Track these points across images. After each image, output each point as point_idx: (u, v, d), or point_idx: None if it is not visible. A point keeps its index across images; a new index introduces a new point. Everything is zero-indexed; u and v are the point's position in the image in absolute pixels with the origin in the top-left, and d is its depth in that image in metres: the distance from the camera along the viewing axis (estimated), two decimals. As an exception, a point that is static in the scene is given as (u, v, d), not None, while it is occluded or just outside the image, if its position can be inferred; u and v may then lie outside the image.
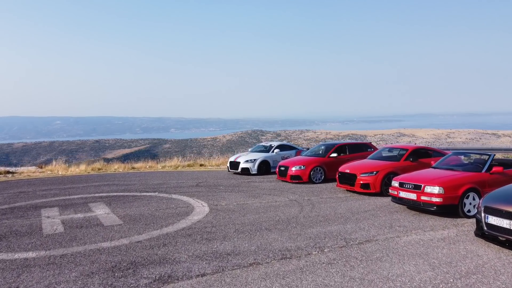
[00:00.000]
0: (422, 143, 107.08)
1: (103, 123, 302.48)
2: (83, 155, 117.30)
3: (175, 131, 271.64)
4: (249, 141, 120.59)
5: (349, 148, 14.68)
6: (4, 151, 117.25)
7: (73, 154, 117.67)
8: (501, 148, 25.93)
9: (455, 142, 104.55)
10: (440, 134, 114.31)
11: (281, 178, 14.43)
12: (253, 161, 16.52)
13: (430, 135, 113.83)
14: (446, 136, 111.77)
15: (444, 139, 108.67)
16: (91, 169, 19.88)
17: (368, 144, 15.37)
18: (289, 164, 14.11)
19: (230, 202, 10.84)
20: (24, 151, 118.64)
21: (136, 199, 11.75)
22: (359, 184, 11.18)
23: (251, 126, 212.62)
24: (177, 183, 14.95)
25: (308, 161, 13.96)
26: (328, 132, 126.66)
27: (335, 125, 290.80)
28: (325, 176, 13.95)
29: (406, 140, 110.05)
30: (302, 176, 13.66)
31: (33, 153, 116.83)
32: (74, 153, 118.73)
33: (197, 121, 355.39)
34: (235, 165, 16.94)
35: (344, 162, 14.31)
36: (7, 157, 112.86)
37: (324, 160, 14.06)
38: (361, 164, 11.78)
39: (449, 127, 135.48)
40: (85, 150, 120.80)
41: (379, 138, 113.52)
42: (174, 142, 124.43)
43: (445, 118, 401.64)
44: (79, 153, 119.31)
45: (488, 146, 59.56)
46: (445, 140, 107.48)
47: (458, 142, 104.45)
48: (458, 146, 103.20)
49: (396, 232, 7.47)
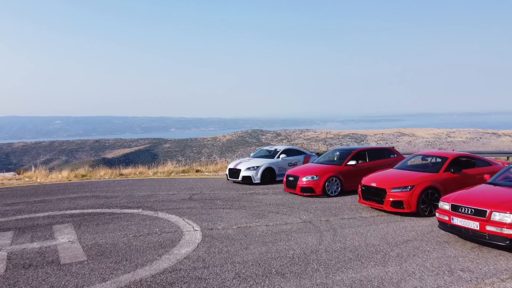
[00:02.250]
0: (422, 142, 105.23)
1: (103, 122, 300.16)
2: (83, 155, 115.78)
3: (175, 131, 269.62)
4: (249, 140, 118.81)
5: (369, 154, 12.37)
6: (4, 151, 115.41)
7: (73, 154, 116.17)
8: None
9: (456, 141, 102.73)
10: (440, 134, 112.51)
11: (289, 190, 12.15)
12: (256, 168, 14.21)
13: (431, 135, 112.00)
14: (446, 135, 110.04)
15: (445, 138, 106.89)
16: (74, 175, 17.58)
17: (390, 149, 13.07)
18: (299, 174, 11.81)
19: (229, 225, 8.56)
20: (24, 151, 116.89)
21: (114, 218, 9.46)
22: (390, 201, 8.89)
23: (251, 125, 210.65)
24: (167, 195, 12.65)
25: (321, 170, 11.66)
26: (328, 132, 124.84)
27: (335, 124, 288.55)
28: (342, 188, 11.66)
29: (406, 140, 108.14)
30: (315, 188, 11.37)
31: (33, 153, 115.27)
32: (74, 153, 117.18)
33: (197, 120, 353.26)
34: (235, 173, 14.64)
35: (364, 171, 12.01)
36: (7, 157, 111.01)
37: (341, 168, 11.76)
38: (391, 176, 9.49)
39: (450, 126, 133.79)
40: (85, 150, 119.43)
41: (379, 138, 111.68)
42: (174, 142, 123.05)
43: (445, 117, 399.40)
44: (79, 153, 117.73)
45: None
46: (446, 139, 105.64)
47: (458, 141, 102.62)
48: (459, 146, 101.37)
49: (462, 282, 5.20)
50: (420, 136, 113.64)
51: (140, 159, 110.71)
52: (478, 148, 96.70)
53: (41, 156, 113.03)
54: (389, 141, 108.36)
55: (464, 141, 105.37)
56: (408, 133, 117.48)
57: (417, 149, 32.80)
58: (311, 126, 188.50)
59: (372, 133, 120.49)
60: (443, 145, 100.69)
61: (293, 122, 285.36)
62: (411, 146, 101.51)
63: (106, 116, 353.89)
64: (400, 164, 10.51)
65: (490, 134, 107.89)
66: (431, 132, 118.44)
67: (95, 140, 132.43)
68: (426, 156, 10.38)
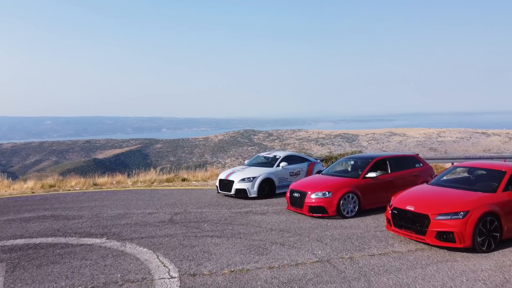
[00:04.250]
0: (413, 142, 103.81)
1: (94, 123, 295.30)
2: (73, 155, 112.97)
3: (167, 131, 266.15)
4: (241, 140, 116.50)
5: (390, 164, 9.97)
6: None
7: (63, 155, 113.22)
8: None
9: (446, 141, 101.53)
10: (431, 133, 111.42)
11: (294, 209, 9.70)
12: (252, 179, 11.73)
13: (421, 134, 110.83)
14: (437, 135, 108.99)
15: (435, 138, 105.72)
16: (41, 186, 14.96)
17: (415, 156, 10.67)
18: (306, 189, 9.39)
19: (219, 267, 6.13)
20: (13, 152, 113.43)
21: (66, 254, 6.98)
22: (435, 232, 6.52)
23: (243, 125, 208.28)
24: (143, 214, 10.15)
25: (334, 184, 9.24)
26: (320, 132, 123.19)
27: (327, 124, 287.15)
28: (360, 206, 9.27)
29: (397, 140, 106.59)
30: (328, 207, 8.95)
31: (23, 154, 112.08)
32: (65, 154, 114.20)
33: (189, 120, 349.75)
34: (227, 185, 12.11)
35: (386, 185, 9.65)
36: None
37: (358, 182, 9.34)
38: (433, 197, 7.12)
39: (440, 126, 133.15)
40: (76, 151, 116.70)
41: (371, 138, 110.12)
42: (165, 142, 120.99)
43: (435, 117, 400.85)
44: (70, 154, 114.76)
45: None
46: (436, 139, 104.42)
47: (448, 141, 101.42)
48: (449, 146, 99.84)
49: None
50: (411, 136, 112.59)
51: (131, 159, 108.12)
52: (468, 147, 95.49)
53: (31, 157, 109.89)
54: (380, 141, 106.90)
55: (455, 140, 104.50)
56: (399, 133, 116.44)
57: (449, 154, 29.63)
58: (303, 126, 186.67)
59: (364, 133, 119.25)
60: (434, 145, 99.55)
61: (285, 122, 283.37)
62: (402, 146, 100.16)
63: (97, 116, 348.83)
64: (437, 179, 8.15)
65: (480, 134, 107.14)
66: (422, 131, 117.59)
67: (86, 140, 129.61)
68: (473, 168, 8.01)
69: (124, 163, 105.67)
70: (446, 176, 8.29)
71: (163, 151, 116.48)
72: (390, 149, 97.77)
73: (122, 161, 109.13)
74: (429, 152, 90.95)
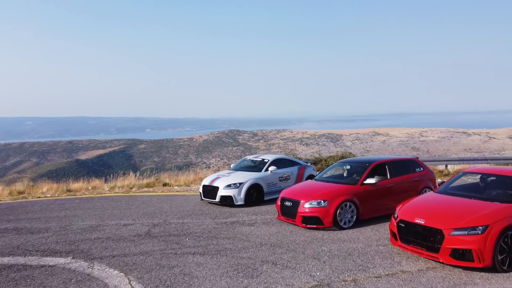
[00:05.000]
0: (396, 142, 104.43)
1: (76, 123, 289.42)
2: (55, 156, 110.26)
3: (151, 131, 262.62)
4: (226, 141, 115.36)
5: (390, 168, 9.06)
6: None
7: (45, 156, 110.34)
8: None
9: (428, 141, 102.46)
10: (413, 133, 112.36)
11: (286, 219, 8.72)
12: (238, 185, 10.70)
13: (404, 134, 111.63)
14: (419, 135, 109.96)
15: (418, 138, 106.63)
16: (9, 193, 13.64)
17: (414, 160, 9.84)
18: (299, 197, 8.45)
19: (201, 295, 5.16)
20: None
21: (22, 279, 5.90)
22: (449, 250, 5.67)
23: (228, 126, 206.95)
24: (118, 226, 9.06)
25: (330, 192, 8.31)
26: (304, 132, 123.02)
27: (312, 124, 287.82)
28: (358, 216, 8.40)
29: (381, 139, 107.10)
30: (323, 218, 8.02)
31: (2, 155, 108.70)
32: (46, 155, 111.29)
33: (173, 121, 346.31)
34: (211, 192, 11.01)
35: (385, 192, 8.80)
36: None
37: (356, 189, 8.44)
38: (443, 208, 6.26)
39: (422, 126, 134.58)
40: (58, 151, 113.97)
41: (355, 138, 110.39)
42: (150, 143, 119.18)
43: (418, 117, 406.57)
44: (51, 155, 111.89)
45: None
46: (418, 139, 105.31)
47: (431, 141, 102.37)
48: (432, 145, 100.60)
49: None
50: (394, 135, 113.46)
51: (114, 160, 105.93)
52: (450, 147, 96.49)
53: (11, 158, 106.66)
54: (364, 140, 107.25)
55: (437, 140, 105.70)
56: (383, 133, 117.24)
57: (434, 155, 27.89)
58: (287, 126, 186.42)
59: (348, 132, 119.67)
60: (416, 145, 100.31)
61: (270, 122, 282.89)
62: (385, 146, 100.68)
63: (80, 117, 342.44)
64: (446, 186, 7.31)
65: (461, 133, 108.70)
66: (405, 131, 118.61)
67: (68, 141, 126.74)
68: (486, 175, 7.20)
69: (107, 164, 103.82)
70: (456, 182, 7.45)
71: (147, 152, 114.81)
72: (374, 149, 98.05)
73: (105, 162, 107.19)
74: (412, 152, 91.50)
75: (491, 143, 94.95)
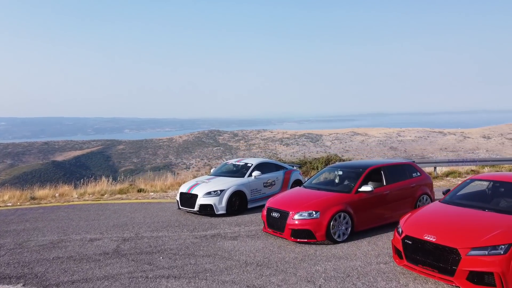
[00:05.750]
0: (375, 141, 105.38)
1: (52, 124, 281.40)
2: (30, 158, 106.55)
3: (130, 132, 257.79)
4: (206, 141, 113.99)
5: (385, 173, 8.27)
6: None
7: (19, 157, 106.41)
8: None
9: (405, 140, 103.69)
10: (391, 133, 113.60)
11: (273, 232, 7.74)
12: (219, 193, 9.67)
13: (382, 134, 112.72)
14: (397, 134, 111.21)
15: (395, 137, 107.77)
16: (-36, 202, 12.26)
17: (411, 164, 9.06)
18: (287, 207, 7.51)
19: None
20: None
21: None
22: (466, 272, 4.85)
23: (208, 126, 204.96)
24: (82, 242, 7.93)
25: (322, 201, 7.39)
26: (285, 132, 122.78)
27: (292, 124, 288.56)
28: (353, 228, 7.54)
29: (359, 139, 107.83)
30: (315, 231, 7.10)
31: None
32: (21, 156, 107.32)
33: (153, 121, 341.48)
34: (189, 200, 9.92)
35: (383, 200, 7.97)
36: None
37: (351, 198, 7.57)
38: (456, 222, 5.45)
39: (400, 126, 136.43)
40: (33, 153, 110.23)
41: (334, 137, 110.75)
42: (128, 143, 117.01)
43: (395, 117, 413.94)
44: (26, 156, 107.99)
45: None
46: (396, 138, 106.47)
47: (408, 140, 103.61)
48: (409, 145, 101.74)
49: None
50: (373, 135, 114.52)
51: (92, 161, 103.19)
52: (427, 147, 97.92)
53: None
54: (344, 140, 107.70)
55: (414, 139, 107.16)
56: (361, 133, 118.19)
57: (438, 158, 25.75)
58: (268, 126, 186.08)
59: (327, 132, 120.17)
60: (394, 144, 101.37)
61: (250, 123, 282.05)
62: (364, 146, 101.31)
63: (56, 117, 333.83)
64: (452, 196, 6.51)
65: (437, 133, 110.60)
66: (383, 131, 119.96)
67: (44, 142, 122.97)
68: (500, 183, 6.42)
69: (85, 165, 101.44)
70: (464, 190, 6.66)
71: (126, 153, 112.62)
72: (353, 148, 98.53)
73: (83, 163, 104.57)
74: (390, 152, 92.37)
75: (465, 142, 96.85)
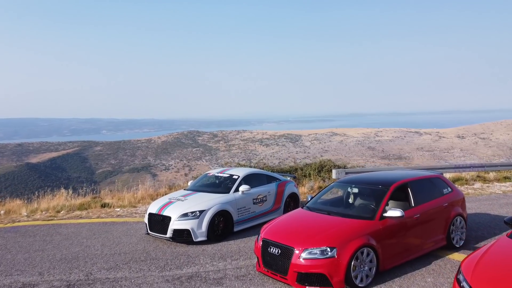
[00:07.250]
0: (353, 141, 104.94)
1: (26, 125, 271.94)
2: (3, 160, 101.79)
3: (107, 133, 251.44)
4: (185, 142, 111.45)
5: (413, 190, 6.37)
6: None
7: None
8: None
9: (383, 140, 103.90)
10: (369, 133, 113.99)
11: (271, 274, 5.65)
12: (198, 214, 7.49)
13: (360, 134, 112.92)
14: (374, 134, 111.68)
15: (373, 137, 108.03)
16: None
17: (439, 177, 7.14)
18: (289, 240, 5.45)
19: None
20: None
21: None
22: None
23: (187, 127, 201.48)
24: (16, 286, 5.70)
25: (338, 232, 5.41)
26: (264, 132, 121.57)
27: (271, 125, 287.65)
28: (378, 266, 5.64)
29: (338, 140, 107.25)
30: (332, 275, 5.10)
31: None
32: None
33: (130, 122, 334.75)
34: (160, 223, 7.69)
35: (414, 227, 6.04)
36: None
37: (374, 226, 5.63)
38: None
39: (377, 126, 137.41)
40: (6, 155, 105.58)
41: (313, 138, 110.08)
42: (106, 145, 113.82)
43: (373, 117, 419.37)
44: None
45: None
46: (374, 138, 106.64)
47: (385, 140, 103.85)
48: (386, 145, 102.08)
49: None
50: (351, 135, 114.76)
51: (68, 163, 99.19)
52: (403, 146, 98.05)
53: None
54: (323, 141, 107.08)
55: (391, 139, 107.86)
56: (340, 133, 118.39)
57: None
58: (247, 127, 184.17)
59: (306, 133, 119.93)
60: (372, 144, 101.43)
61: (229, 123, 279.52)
62: (343, 146, 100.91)
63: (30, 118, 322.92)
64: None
65: (413, 133, 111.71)
66: (361, 131, 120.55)
67: (17, 143, 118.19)
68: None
69: (61, 167, 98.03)
70: None
71: (103, 154, 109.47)
72: (332, 148, 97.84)
73: (58, 165, 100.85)
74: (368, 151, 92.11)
75: (441, 142, 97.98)
